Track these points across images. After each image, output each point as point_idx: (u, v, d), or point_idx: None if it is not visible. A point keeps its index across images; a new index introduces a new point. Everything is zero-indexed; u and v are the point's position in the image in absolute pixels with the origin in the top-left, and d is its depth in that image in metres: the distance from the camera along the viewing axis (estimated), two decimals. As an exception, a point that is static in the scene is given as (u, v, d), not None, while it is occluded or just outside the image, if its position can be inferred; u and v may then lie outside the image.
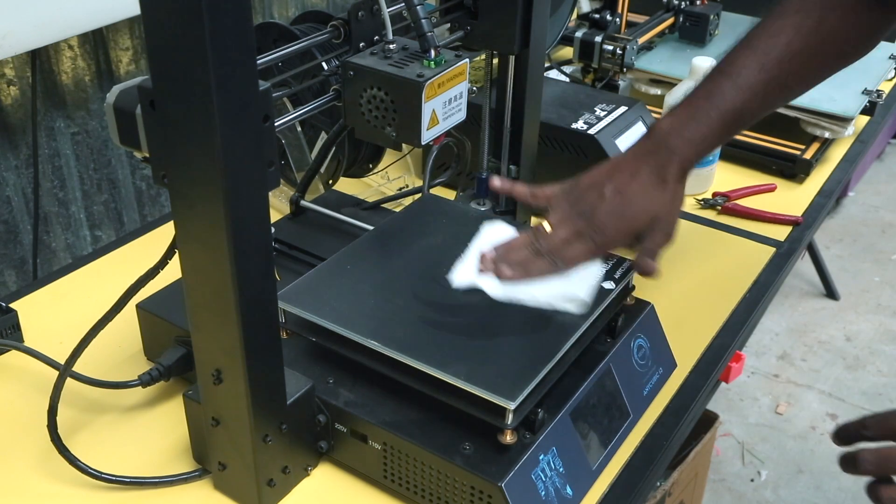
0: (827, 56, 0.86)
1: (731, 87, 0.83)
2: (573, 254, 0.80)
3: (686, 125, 0.82)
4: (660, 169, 0.81)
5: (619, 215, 0.80)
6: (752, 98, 0.83)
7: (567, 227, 0.81)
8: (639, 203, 0.81)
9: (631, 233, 0.81)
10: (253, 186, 0.61)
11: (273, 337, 0.69)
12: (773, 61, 0.83)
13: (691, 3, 1.55)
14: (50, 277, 1.06)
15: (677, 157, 0.82)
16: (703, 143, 0.83)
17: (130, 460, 0.80)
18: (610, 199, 0.81)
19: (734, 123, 0.84)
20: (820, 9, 0.84)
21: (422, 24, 0.76)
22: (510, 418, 0.69)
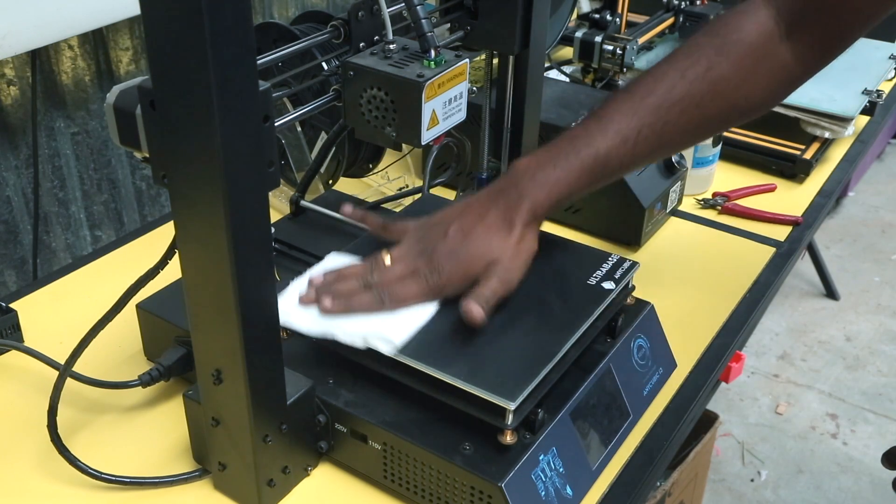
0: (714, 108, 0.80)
1: (598, 132, 0.78)
2: (404, 292, 0.76)
3: (543, 168, 0.78)
4: (507, 210, 0.77)
5: (455, 256, 0.76)
6: (621, 144, 0.78)
7: (404, 264, 0.77)
8: (477, 246, 0.76)
9: (467, 277, 0.76)
10: (253, 186, 0.61)
11: (273, 337, 0.69)
12: (649, 107, 0.78)
13: (691, 3, 1.55)
14: (50, 277, 1.06)
15: (527, 201, 0.77)
16: (558, 188, 0.78)
17: (130, 460, 0.80)
18: (451, 239, 0.77)
19: (599, 170, 0.79)
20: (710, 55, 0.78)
21: (422, 24, 0.76)
22: (510, 419, 0.69)
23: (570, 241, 0.92)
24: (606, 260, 0.84)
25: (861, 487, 2.04)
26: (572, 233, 1.14)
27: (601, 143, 0.78)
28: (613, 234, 1.13)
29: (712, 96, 0.79)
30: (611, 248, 1.11)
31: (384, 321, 0.75)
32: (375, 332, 0.74)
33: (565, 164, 0.78)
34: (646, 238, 1.13)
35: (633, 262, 0.85)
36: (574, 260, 0.85)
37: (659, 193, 1.11)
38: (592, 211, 1.13)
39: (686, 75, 0.78)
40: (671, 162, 1.13)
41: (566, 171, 0.78)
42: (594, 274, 0.82)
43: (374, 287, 0.77)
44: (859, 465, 2.10)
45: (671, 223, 1.19)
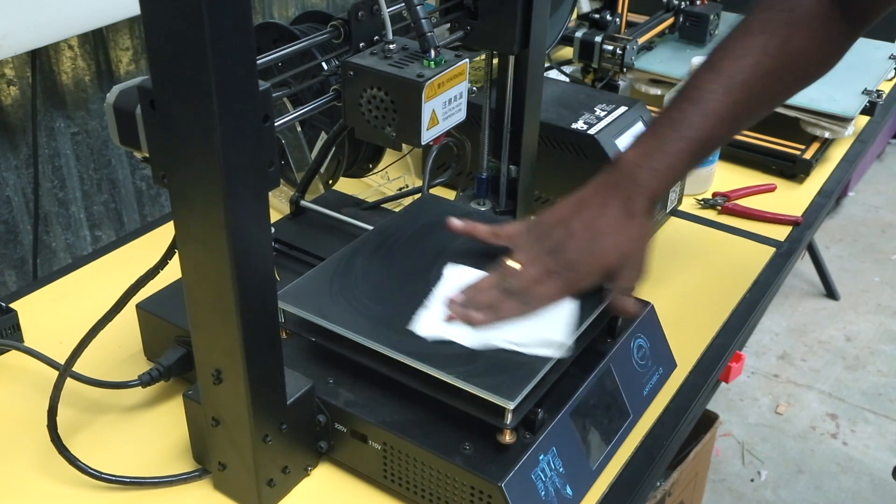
0: (794, 76, 0.84)
1: (697, 115, 0.80)
2: (545, 292, 0.77)
3: (653, 156, 0.79)
4: (627, 202, 0.79)
5: (590, 252, 0.78)
6: (720, 124, 0.80)
7: (537, 266, 0.78)
8: (609, 239, 0.78)
9: (603, 270, 0.78)
10: (253, 186, 0.61)
11: (273, 337, 0.69)
12: (740, 85, 0.80)
13: (691, 3, 1.55)
14: (50, 277, 1.06)
15: (645, 190, 0.79)
16: (671, 174, 0.80)
17: (130, 460, 0.80)
18: (579, 236, 0.78)
19: (702, 151, 0.81)
20: (786, 27, 0.81)
21: (422, 24, 0.76)
22: (509, 418, 0.69)
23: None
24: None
25: (861, 487, 2.04)
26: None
27: (703, 125, 0.80)
28: (613, 234, 1.12)
29: (792, 68, 0.83)
30: (611, 248, 1.11)
31: (537, 327, 0.75)
32: (538, 339, 0.74)
33: (673, 149, 0.80)
34: (646, 238, 1.12)
35: (633, 262, 0.85)
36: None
37: (659, 193, 1.11)
38: (592, 211, 1.13)
39: (768, 50, 0.81)
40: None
41: (676, 157, 0.80)
42: (594, 274, 0.82)
43: (515, 293, 0.77)
44: (859, 465, 2.10)
45: (671, 223, 1.19)
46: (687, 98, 0.81)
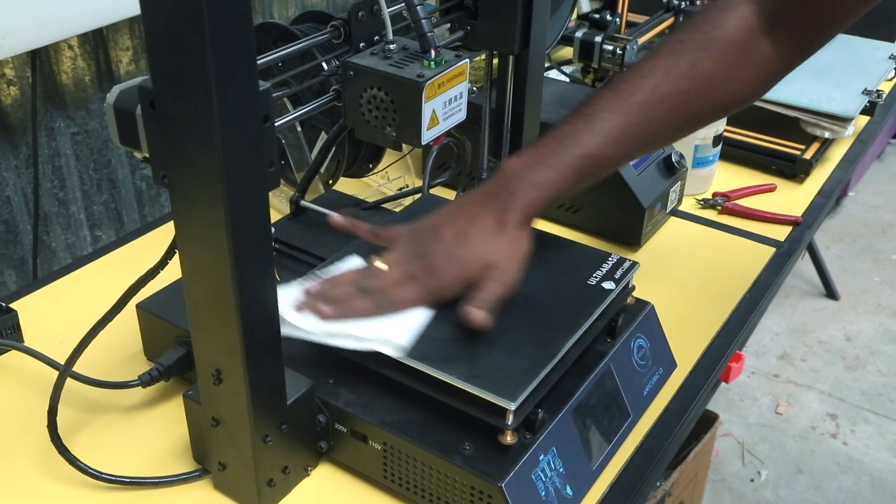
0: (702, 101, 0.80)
1: (586, 132, 0.78)
2: (401, 297, 0.75)
3: (534, 169, 0.77)
4: (501, 213, 0.77)
5: (453, 259, 0.76)
6: (611, 143, 0.78)
7: (400, 268, 0.77)
8: (474, 248, 0.76)
9: (464, 279, 0.76)
10: (253, 186, 0.61)
11: (273, 337, 0.69)
12: (636, 105, 0.78)
13: (691, 3, 1.55)
14: (50, 277, 1.06)
15: (519, 202, 0.77)
16: (551, 189, 0.77)
17: (130, 460, 0.80)
18: (447, 242, 0.76)
19: (589, 169, 0.78)
20: (697, 50, 0.78)
21: (422, 24, 0.76)
22: (511, 419, 0.69)
23: (570, 241, 0.92)
24: (606, 260, 0.84)
25: (861, 487, 2.04)
26: (572, 233, 1.14)
27: (590, 143, 0.77)
28: (613, 234, 1.13)
29: (697, 93, 0.79)
30: (611, 248, 1.11)
31: (385, 324, 0.75)
32: (379, 336, 0.73)
33: (555, 164, 0.77)
34: (646, 238, 1.13)
35: (633, 262, 0.85)
36: (574, 260, 0.85)
37: (659, 193, 1.11)
38: (592, 211, 1.13)
39: (671, 73, 0.78)
40: (671, 162, 1.13)
41: (556, 172, 0.77)
42: (594, 274, 0.83)
43: (370, 292, 0.76)
44: (859, 465, 2.10)
45: (671, 223, 1.19)
46: (580, 114, 0.79)
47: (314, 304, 0.76)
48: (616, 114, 0.78)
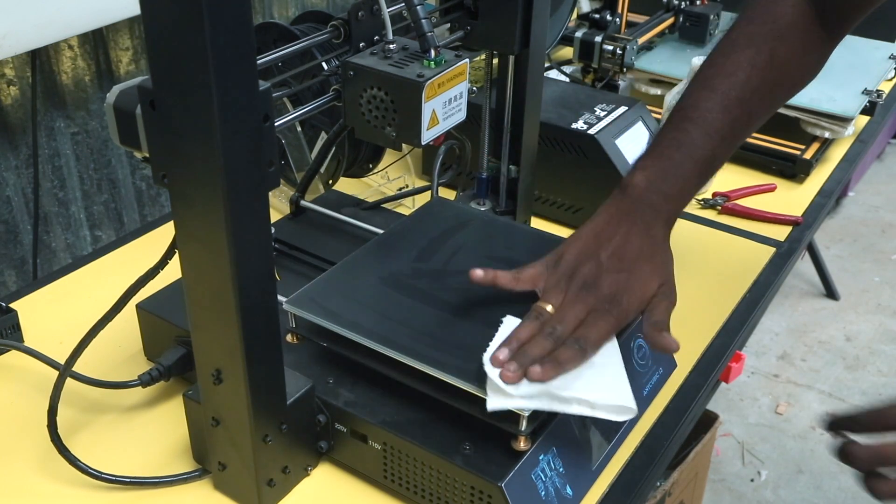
0: (783, 87, 0.86)
1: (700, 134, 0.80)
2: (595, 333, 0.71)
3: (664, 180, 0.78)
4: (648, 228, 0.77)
5: (627, 284, 0.74)
6: (722, 142, 0.81)
7: (577, 306, 0.72)
8: (645, 267, 0.75)
9: (646, 299, 0.74)
10: (253, 186, 0.61)
11: (273, 337, 0.69)
12: (735, 101, 0.81)
13: (691, 3, 1.55)
14: (50, 277, 1.06)
15: (662, 215, 0.78)
16: (683, 196, 0.80)
17: (130, 460, 0.80)
18: (612, 268, 0.74)
19: (708, 170, 0.82)
20: (771, 40, 0.82)
21: (422, 24, 0.76)
22: (524, 424, 0.69)
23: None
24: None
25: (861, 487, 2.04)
26: (572, 233, 1.14)
27: (707, 146, 0.81)
28: (613, 234, 1.12)
29: (781, 80, 0.85)
30: (611, 248, 1.11)
31: (601, 385, 0.70)
32: (609, 402, 0.68)
33: (682, 173, 0.80)
34: (646, 238, 1.12)
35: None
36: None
37: (659, 193, 1.11)
38: (592, 211, 1.12)
39: (756, 64, 0.82)
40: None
41: (685, 180, 0.80)
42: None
43: (564, 338, 0.71)
44: (859, 465, 2.10)
45: (671, 223, 1.19)
46: (687, 118, 0.81)
47: (518, 368, 0.68)
48: (721, 113, 0.81)
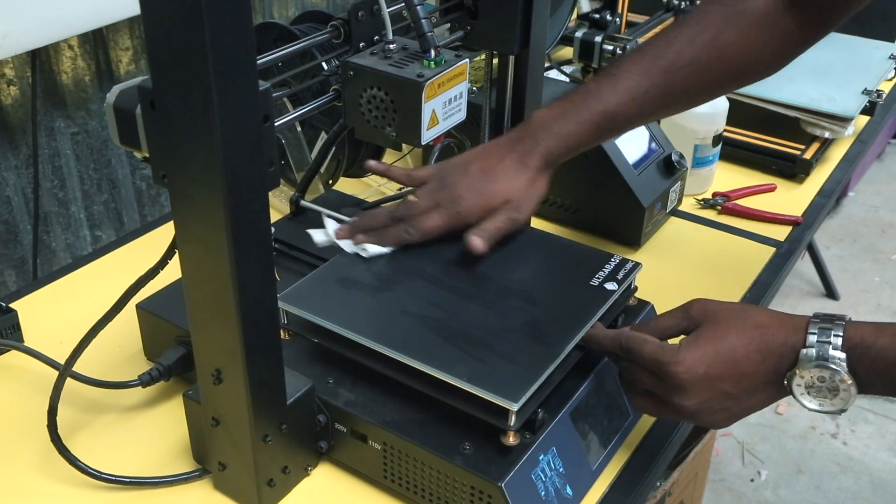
0: (720, 72, 0.86)
1: (609, 89, 0.85)
2: (428, 224, 0.84)
3: (558, 121, 0.85)
4: (523, 157, 0.85)
5: (478, 191, 0.84)
6: (629, 102, 0.85)
7: (427, 198, 0.85)
8: (495, 183, 0.84)
9: (484, 209, 0.83)
10: (253, 186, 0.61)
11: (273, 337, 0.69)
12: (658, 69, 0.84)
13: (691, 3, 1.55)
14: (50, 277, 1.06)
15: (542, 149, 0.85)
16: (570, 139, 0.85)
17: (130, 460, 0.80)
18: (472, 176, 0.85)
19: (606, 125, 0.86)
20: (718, 22, 0.84)
21: (422, 24, 0.76)
22: (513, 420, 0.69)
23: (573, 242, 0.92)
24: (609, 261, 0.84)
25: (861, 487, 2.04)
26: (572, 233, 1.14)
27: (611, 100, 0.85)
28: (613, 233, 1.13)
29: (719, 62, 0.85)
30: (611, 247, 1.11)
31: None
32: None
33: (577, 118, 0.85)
34: (646, 238, 1.13)
35: (636, 262, 0.85)
36: (577, 261, 0.85)
37: (659, 193, 1.11)
38: (592, 211, 1.13)
39: (695, 41, 0.84)
40: (671, 162, 1.13)
41: (577, 125, 0.85)
42: (597, 275, 0.82)
43: (400, 220, 0.84)
44: (859, 465, 2.10)
45: (671, 223, 1.19)
46: (606, 74, 0.87)
47: (352, 233, 0.85)
48: (638, 75, 0.85)
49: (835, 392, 0.67)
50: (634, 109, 0.85)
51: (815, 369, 0.66)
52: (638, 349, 0.72)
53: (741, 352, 0.69)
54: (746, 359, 0.69)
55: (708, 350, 0.69)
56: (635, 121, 0.89)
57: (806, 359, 0.66)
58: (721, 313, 0.72)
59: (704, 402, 0.70)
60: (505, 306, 0.78)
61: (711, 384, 0.69)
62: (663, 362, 0.70)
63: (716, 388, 0.69)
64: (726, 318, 0.71)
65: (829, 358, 0.66)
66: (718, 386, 0.69)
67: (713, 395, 0.69)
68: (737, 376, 0.69)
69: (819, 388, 0.67)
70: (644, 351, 0.71)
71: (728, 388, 0.69)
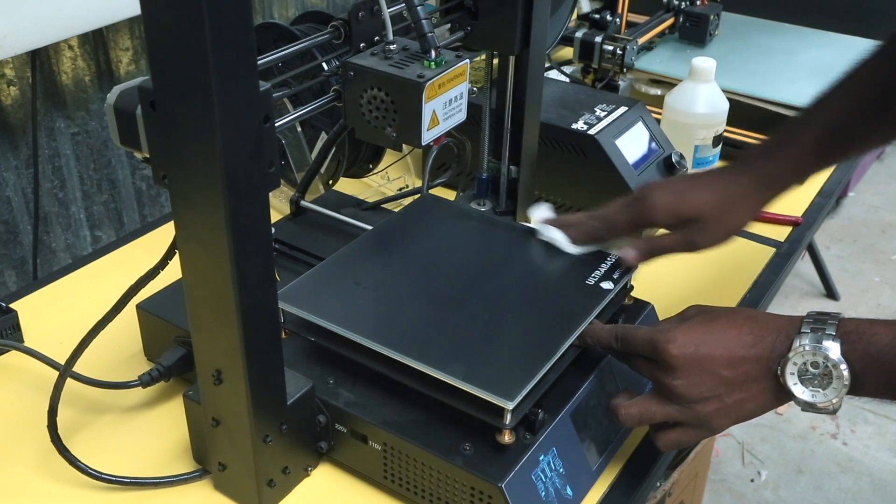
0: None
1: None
2: (613, 214, 0.85)
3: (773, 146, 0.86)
4: (737, 172, 0.85)
5: (675, 191, 0.84)
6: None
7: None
8: (700, 190, 0.83)
9: (674, 214, 0.83)
10: (253, 186, 0.61)
11: (273, 337, 0.69)
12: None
13: (691, 4, 1.55)
14: (50, 277, 1.06)
15: (758, 167, 0.85)
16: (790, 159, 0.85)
17: (130, 460, 0.80)
18: (679, 178, 0.87)
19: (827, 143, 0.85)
20: None
21: (422, 24, 0.76)
22: (508, 418, 0.69)
23: (570, 242, 0.92)
24: (605, 260, 0.84)
25: (861, 487, 2.04)
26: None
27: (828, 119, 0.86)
28: (613, 234, 1.12)
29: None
30: (611, 248, 1.11)
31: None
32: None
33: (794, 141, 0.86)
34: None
35: (633, 262, 0.85)
36: (572, 260, 0.85)
37: (659, 193, 1.11)
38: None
39: None
40: (671, 162, 1.13)
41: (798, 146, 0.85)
42: (592, 274, 0.83)
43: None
44: (859, 465, 2.10)
45: (671, 223, 1.19)
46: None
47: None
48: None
49: (828, 380, 0.66)
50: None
51: (808, 354, 0.66)
52: (632, 336, 0.73)
53: (732, 333, 0.69)
54: (737, 341, 0.69)
55: (699, 330, 0.70)
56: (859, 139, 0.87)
57: (799, 344, 0.66)
58: (714, 309, 0.74)
59: (695, 385, 0.69)
60: (501, 305, 0.78)
61: (702, 364, 0.69)
62: (655, 340, 0.70)
63: (706, 370, 0.69)
64: (717, 310, 0.73)
65: (823, 343, 0.66)
66: (709, 367, 0.69)
67: (704, 377, 0.69)
68: (728, 358, 0.69)
69: (812, 375, 0.67)
70: (638, 336, 0.73)
71: (719, 369, 0.69)
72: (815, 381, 0.67)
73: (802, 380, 0.67)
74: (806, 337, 0.66)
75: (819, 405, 0.68)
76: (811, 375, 0.67)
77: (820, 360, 0.66)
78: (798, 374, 0.67)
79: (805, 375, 0.67)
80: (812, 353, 0.66)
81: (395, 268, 0.84)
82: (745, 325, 0.70)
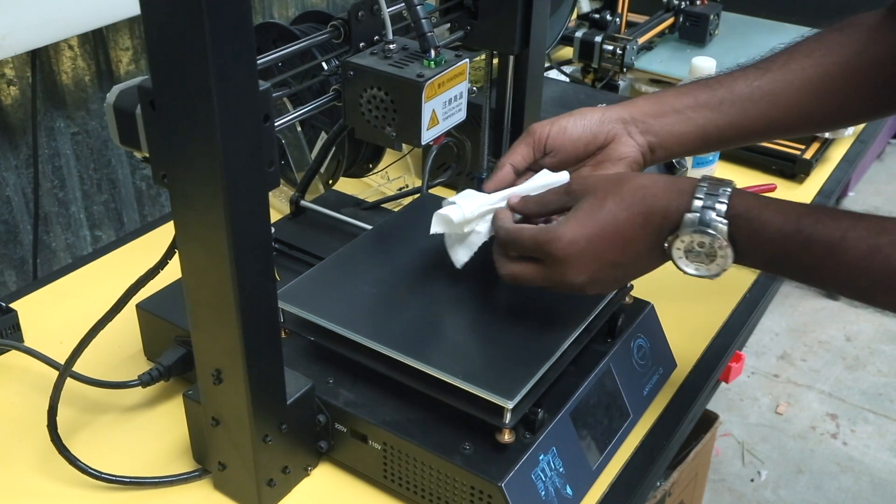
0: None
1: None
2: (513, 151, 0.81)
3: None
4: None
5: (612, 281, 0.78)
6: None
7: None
8: (579, 118, 0.84)
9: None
10: (253, 186, 0.61)
11: (273, 337, 0.69)
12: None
13: (691, 3, 1.55)
14: (50, 277, 1.06)
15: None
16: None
17: (130, 460, 0.80)
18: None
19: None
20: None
21: (422, 24, 0.76)
22: (508, 417, 0.69)
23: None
24: None
25: (861, 487, 2.04)
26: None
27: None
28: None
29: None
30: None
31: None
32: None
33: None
34: (646, 238, 1.12)
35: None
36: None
37: (659, 193, 1.11)
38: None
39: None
40: (671, 162, 1.13)
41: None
42: (594, 274, 0.82)
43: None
44: (859, 465, 2.10)
45: (671, 223, 1.19)
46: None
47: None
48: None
49: (712, 257, 0.67)
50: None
51: (695, 234, 0.67)
52: (517, 238, 0.71)
53: (623, 217, 0.68)
54: (628, 223, 0.68)
55: (587, 222, 0.68)
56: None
57: (689, 223, 0.67)
58: (600, 184, 0.71)
59: (592, 275, 0.69)
60: (501, 304, 0.78)
61: (595, 256, 0.69)
62: (542, 241, 0.69)
63: (600, 259, 0.69)
64: (605, 188, 0.70)
65: (711, 224, 0.66)
66: (603, 256, 0.69)
67: (599, 266, 0.69)
68: (620, 243, 0.68)
69: (697, 252, 0.68)
70: (523, 237, 0.70)
71: (613, 256, 0.69)
72: (700, 257, 0.68)
73: (688, 255, 0.68)
74: (696, 215, 0.67)
75: (702, 276, 0.69)
76: (697, 252, 0.68)
77: (706, 241, 0.67)
78: (684, 250, 0.68)
79: (691, 252, 0.68)
80: (700, 234, 0.67)
81: (394, 267, 0.84)
82: (635, 204, 0.68)
